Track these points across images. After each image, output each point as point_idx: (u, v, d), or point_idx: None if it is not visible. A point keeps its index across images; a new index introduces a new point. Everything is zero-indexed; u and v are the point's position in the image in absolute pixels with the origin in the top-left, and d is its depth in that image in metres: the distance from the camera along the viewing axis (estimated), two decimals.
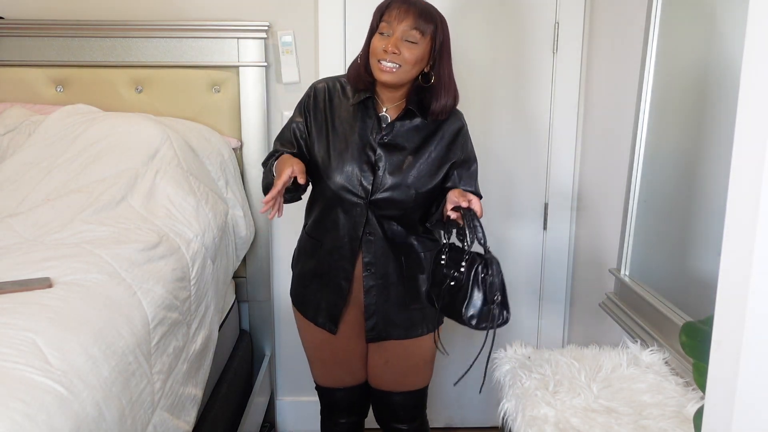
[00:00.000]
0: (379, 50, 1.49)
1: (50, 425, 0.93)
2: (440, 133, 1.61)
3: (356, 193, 1.56)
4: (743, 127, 0.57)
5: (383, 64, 1.49)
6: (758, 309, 0.55)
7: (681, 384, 1.45)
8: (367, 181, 1.56)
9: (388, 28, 1.49)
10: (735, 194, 0.58)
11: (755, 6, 0.55)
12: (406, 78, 1.53)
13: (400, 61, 1.49)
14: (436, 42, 1.53)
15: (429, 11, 1.52)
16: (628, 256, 1.92)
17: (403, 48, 1.48)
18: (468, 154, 1.66)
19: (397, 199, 1.57)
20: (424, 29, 1.49)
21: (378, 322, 1.65)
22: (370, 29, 1.55)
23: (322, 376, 1.82)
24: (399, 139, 1.59)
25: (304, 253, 1.72)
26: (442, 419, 2.67)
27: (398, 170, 1.57)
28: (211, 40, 2.26)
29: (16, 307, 1.17)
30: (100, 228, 1.65)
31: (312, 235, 1.68)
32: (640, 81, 1.82)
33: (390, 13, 1.49)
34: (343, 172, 1.56)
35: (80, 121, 2.10)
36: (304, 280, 1.71)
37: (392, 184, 1.56)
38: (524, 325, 2.55)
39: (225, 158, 2.21)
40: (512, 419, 1.42)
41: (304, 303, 1.72)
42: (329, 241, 1.62)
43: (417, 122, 1.60)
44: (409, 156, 1.58)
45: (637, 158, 1.84)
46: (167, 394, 1.41)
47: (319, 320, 1.69)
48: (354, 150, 1.57)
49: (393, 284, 1.64)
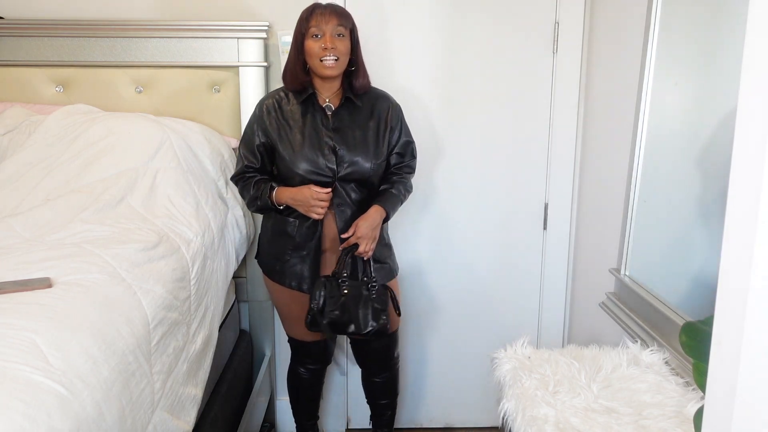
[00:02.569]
0: (318, 50, 1.81)
1: (50, 425, 0.93)
2: (375, 111, 1.95)
3: (324, 174, 1.86)
4: (743, 126, 0.57)
5: (326, 61, 1.81)
6: (758, 309, 0.55)
7: (681, 384, 1.45)
8: (331, 162, 1.86)
9: (318, 30, 1.82)
10: (735, 194, 0.58)
11: (755, 6, 0.55)
12: (343, 67, 1.87)
13: (338, 54, 1.82)
14: (354, 34, 1.89)
15: (344, 11, 1.88)
16: (628, 256, 1.92)
17: (336, 42, 1.82)
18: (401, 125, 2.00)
19: (359, 170, 1.89)
20: (346, 24, 1.85)
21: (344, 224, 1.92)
22: (298, 36, 1.86)
23: (301, 333, 2.07)
24: (345, 122, 1.91)
25: (279, 232, 1.96)
26: (442, 419, 2.67)
27: (353, 147, 1.88)
28: (211, 40, 2.26)
29: (16, 307, 1.17)
30: (100, 228, 1.65)
31: (289, 216, 1.92)
32: (640, 81, 1.82)
33: (316, 18, 1.82)
34: (308, 160, 1.85)
35: (80, 121, 2.10)
36: (282, 256, 1.96)
37: (352, 160, 1.88)
38: (524, 325, 2.55)
39: (225, 158, 2.21)
40: (512, 419, 1.42)
41: (284, 275, 1.97)
42: (307, 218, 1.89)
43: (354, 106, 1.93)
44: (357, 134, 1.90)
45: (637, 158, 1.84)
46: (167, 394, 1.41)
47: (304, 287, 1.95)
48: (312, 140, 1.87)
49: None
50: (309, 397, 2.26)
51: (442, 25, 2.36)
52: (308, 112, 1.90)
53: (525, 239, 2.52)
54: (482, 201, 2.48)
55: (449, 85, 2.39)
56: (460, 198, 2.48)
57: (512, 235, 2.51)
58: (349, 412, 2.66)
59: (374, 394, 2.25)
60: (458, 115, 2.42)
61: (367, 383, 2.24)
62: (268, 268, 2.03)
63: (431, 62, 2.38)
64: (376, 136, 1.92)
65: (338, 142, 1.87)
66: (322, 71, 1.83)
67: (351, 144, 1.88)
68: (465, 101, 2.41)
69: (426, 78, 2.39)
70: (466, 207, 2.49)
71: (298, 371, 2.21)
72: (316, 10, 1.83)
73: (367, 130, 1.92)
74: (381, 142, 1.93)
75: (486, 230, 2.51)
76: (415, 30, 2.36)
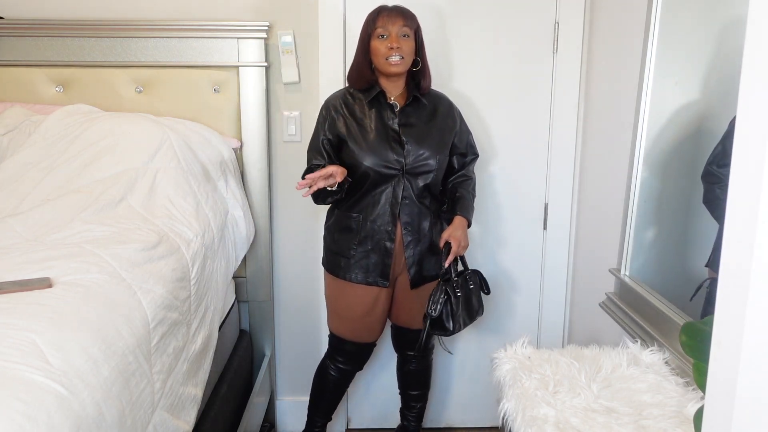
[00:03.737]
0: (384, 49, 1.89)
1: (50, 425, 0.93)
2: (439, 109, 2.04)
3: (393, 167, 1.94)
4: (743, 126, 0.57)
5: (391, 59, 1.89)
6: (758, 309, 0.55)
7: (681, 384, 1.45)
8: (399, 156, 1.93)
9: (384, 31, 1.89)
10: (735, 194, 0.58)
11: (755, 6, 0.55)
12: (408, 66, 1.94)
13: (403, 53, 1.89)
14: (419, 35, 1.97)
15: (410, 13, 1.95)
16: (628, 256, 1.92)
17: (402, 42, 1.89)
18: (464, 124, 2.11)
19: (425, 164, 1.96)
20: (411, 25, 1.92)
21: (417, 270, 2.03)
22: (364, 36, 1.93)
23: (344, 330, 2.12)
24: (411, 119, 1.98)
25: (342, 229, 2.02)
26: (442, 419, 2.67)
27: (420, 142, 1.96)
28: (211, 40, 2.26)
29: (16, 307, 1.17)
30: (100, 228, 1.65)
31: (352, 212, 1.99)
32: (640, 81, 1.82)
33: (382, 19, 1.90)
34: (377, 154, 1.92)
35: (80, 121, 2.10)
36: (347, 252, 2.01)
37: (419, 154, 1.95)
38: (524, 325, 2.55)
39: (225, 158, 2.21)
40: (512, 419, 1.42)
41: (350, 270, 2.01)
42: (372, 212, 1.97)
43: (419, 105, 2.00)
44: (423, 130, 1.98)
45: (637, 158, 1.84)
46: (167, 394, 1.41)
47: (369, 279, 2.01)
48: (381, 135, 1.94)
49: (425, 237, 2.02)
50: (331, 396, 2.26)
51: (442, 25, 2.36)
52: (375, 108, 1.96)
53: (525, 239, 2.52)
54: (482, 201, 2.48)
55: (449, 84, 2.39)
56: None
57: (512, 235, 2.51)
58: (349, 412, 2.66)
59: (407, 383, 2.29)
60: None
61: (402, 372, 2.29)
62: (332, 265, 2.06)
63: (431, 62, 2.38)
64: (441, 133, 2.00)
65: (406, 136, 1.94)
66: (387, 69, 1.90)
67: (418, 138, 1.95)
68: (465, 101, 2.41)
69: None
70: None
71: (328, 368, 2.21)
72: (383, 11, 1.91)
73: (433, 126, 1.99)
74: (446, 137, 2.02)
75: (486, 230, 2.51)
76: None
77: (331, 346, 2.20)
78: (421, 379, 2.29)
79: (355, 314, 2.06)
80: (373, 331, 2.12)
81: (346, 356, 2.17)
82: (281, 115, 2.39)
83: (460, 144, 2.07)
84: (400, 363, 2.29)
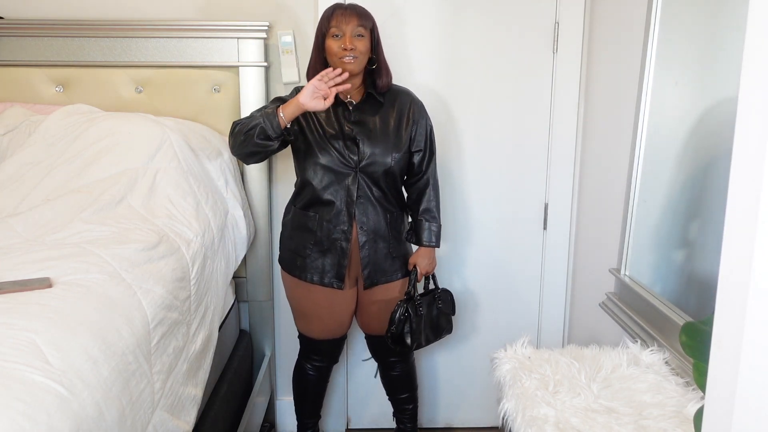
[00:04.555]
0: (338, 49, 1.87)
1: (50, 425, 0.93)
2: (396, 106, 2.00)
3: (348, 164, 1.92)
4: (743, 126, 0.57)
5: (345, 59, 1.86)
6: (758, 309, 0.55)
7: (681, 384, 1.45)
8: (353, 153, 1.92)
9: (338, 30, 1.87)
10: (735, 194, 0.58)
11: (755, 6, 0.55)
12: (362, 65, 1.91)
13: (356, 53, 1.87)
14: (375, 33, 1.93)
15: (365, 11, 1.92)
16: (628, 256, 1.92)
17: (356, 42, 1.87)
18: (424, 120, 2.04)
19: (379, 162, 1.93)
20: (366, 24, 1.89)
21: (371, 271, 2.01)
22: (319, 35, 1.92)
23: (313, 330, 2.12)
24: (366, 117, 1.96)
25: (298, 227, 2.00)
26: (442, 419, 2.67)
27: (373, 139, 1.93)
28: (211, 40, 2.26)
29: (16, 307, 1.17)
30: (100, 228, 1.65)
31: (309, 211, 1.97)
32: (640, 81, 1.82)
33: (336, 18, 1.87)
34: (331, 151, 1.91)
35: (80, 121, 2.10)
36: (303, 251, 2.00)
37: (373, 152, 1.93)
38: (524, 325, 2.55)
39: (225, 158, 2.21)
40: (512, 419, 1.42)
41: (306, 270, 2.00)
42: (327, 212, 1.95)
43: (374, 102, 1.97)
44: (378, 128, 1.95)
45: (637, 158, 1.84)
46: (167, 394, 1.41)
47: (325, 281, 1.99)
48: (335, 133, 1.92)
49: (381, 238, 2.00)
50: (313, 395, 2.28)
51: (442, 24, 2.36)
52: (331, 108, 1.91)
53: (525, 239, 2.52)
54: (482, 201, 2.48)
55: (449, 84, 2.39)
56: (459, 198, 2.48)
57: (512, 235, 2.51)
58: (349, 412, 2.66)
59: (394, 389, 2.29)
60: (458, 114, 2.42)
61: (386, 379, 2.28)
62: (289, 264, 2.05)
63: (431, 62, 2.38)
64: (397, 130, 1.97)
65: (359, 134, 1.92)
66: (341, 68, 1.85)
67: (371, 136, 1.93)
68: (465, 101, 2.41)
69: (426, 78, 2.39)
70: (465, 207, 2.49)
71: (304, 368, 2.22)
72: (337, 9, 1.89)
73: (388, 124, 1.96)
74: (402, 135, 1.97)
75: (486, 230, 2.51)
76: (415, 30, 2.36)
77: (302, 347, 2.21)
78: (407, 382, 2.28)
79: (321, 313, 2.06)
80: (342, 326, 2.13)
81: (320, 354, 2.18)
82: None
83: (419, 140, 2.01)
84: (383, 370, 2.28)
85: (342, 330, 2.14)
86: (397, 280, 2.07)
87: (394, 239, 2.03)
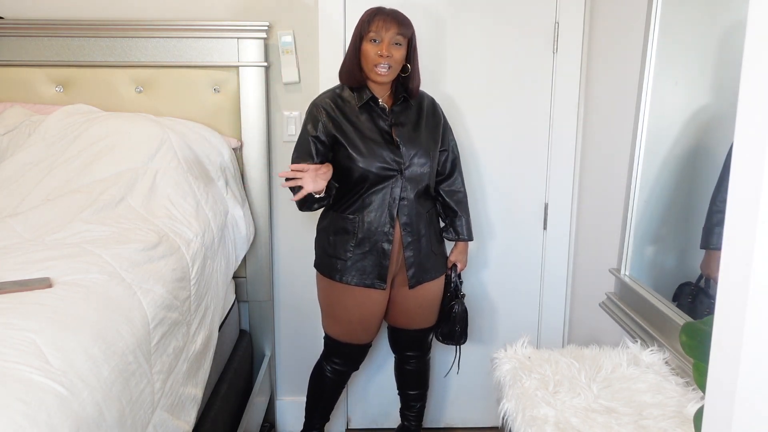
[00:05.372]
0: (374, 55, 1.86)
1: (50, 425, 0.93)
2: (423, 107, 2.05)
3: (392, 168, 1.93)
4: (743, 126, 0.57)
5: (379, 68, 1.87)
6: (758, 309, 0.55)
7: (681, 384, 1.45)
8: (398, 156, 1.93)
9: (377, 36, 1.86)
10: (735, 194, 0.58)
11: (755, 6, 0.55)
12: (395, 75, 1.93)
13: (391, 62, 1.87)
14: (413, 42, 1.94)
15: (406, 20, 1.91)
16: (628, 256, 1.91)
17: (393, 50, 1.86)
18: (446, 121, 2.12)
19: (420, 162, 1.96)
20: (405, 33, 1.89)
21: (416, 270, 2.03)
22: (357, 36, 1.90)
23: (340, 332, 2.12)
24: (401, 119, 1.98)
25: (337, 231, 2.00)
26: (442, 419, 2.67)
27: (412, 142, 1.96)
28: (211, 40, 2.26)
29: (16, 307, 1.17)
30: (100, 228, 1.65)
31: (348, 213, 1.97)
32: (640, 81, 1.82)
33: (377, 23, 1.86)
34: (377, 156, 1.91)
35: (80, 121, 2.10)
36: (343, 254, 1.99)
37: (415, 153, 1.95)
38: (524, 325, 2.55)
39: (225, 158, 2.21)
40: (512, 419, 1.42)
41: (345, 272, 2.00)
42: (369, 214, 1.95)
43: (406, 105, 2.01)
44: (413, 130, 1.98)
45: (637, 158, 1.84)
46: (167, 394, 1.41)
47: (366, 282, 2.00)
48: (375, 137, 1.92)
49: (423, 237, 2.02)
50: (328, 397, 2.27)
51: (441, 25, 2.36)
52: (366, 110, 1.95)
53: (525, 239, 2.52)
54: (482, 201, 2.48)
55: (449, 85, 2.39)
56: None
57: (512, 235, 2.51)
58: (349, 412, 2.66)
59: (406, 384, 2.30)
60: (458, 114, 2.41)
61: (400, 372, 2.30)
62: (328, 267, 2.03)
63: (431, 62, 2.38)
64: (431, 132, 2.02)
65: (399, 137, 1.94)
66: (374, 76, 1.89)
67: (410, 138, 1.96)
68: (465, 101, 2.41)
69: (425, 78, 2.38)
70: None
71: (324, 369, 2.21)
72: (379, 14, 1.87)
73: (422, 125, 2.00)
74: (436, 135, 2.03)
75: (486, 230, 2.51)
76: (415, 30, 2.36)
77: (326, 348, 2.20)
78: (420, 379, 2.29)
79: (352, 317, 2.06)
80: (370, 333, 2.12)
81: (342, 358, 2.18)
82: (281, 115, 2.39)
83: (445, 141, 2.08)
84: (398, 363, 2.30)
85: (368, 336, 2.13)
86: (438, 277, 2.10)
87: (435, 237, 2.07)
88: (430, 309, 2.13)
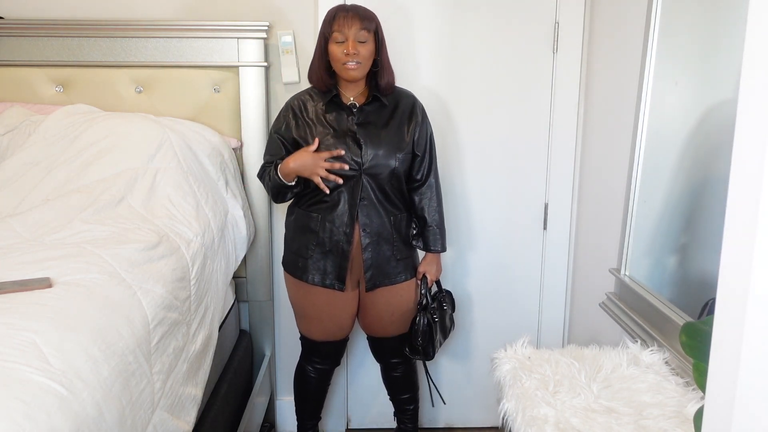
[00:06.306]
0: (341, 55, 1.85)
1: (50, 425, 0.93)
2: (399, 107, 1.99)
3: (352, 167, 1.89)
4: (743, 126, 0.57)
5: (348, 65, 1.85)
6: (758, 309, 0.55)
7: (681, 384, 1.45)
8: (357, 155, 1.89)
9: (341, 36, 1.84)
10: (735, 194, 0.58)
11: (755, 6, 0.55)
12: (366, 70, 1.90)
13: (360, 59, 1.85)
14: (379, 35, 1.91)
15: (368, 13, 1.89)
16: (628, 256, 1.91)
17: (359, 47, 1.84)
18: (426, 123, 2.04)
19: (383, 164, 1.92)
20: (369, 28, 1.86)
21: (374, 273, 1.99)
22: (322, 39, 1.90)
23: (314, 332, 2.11)
24: (370, 118, 1.94)
25: (301, 228, 1.99)
26: (442, 419, 2.67)
27: (377, 142, 1.92)
28: (211, 40, 2.26)
29: (16, 307, 1.17)
30: (100, 228, 1.65)
31: (311, 211, 1.96)
32: (640, 81, 1.82)
33: (339, 22, 1.84)
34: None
35: (80, 121, 2.10)
36: (305, 252, 1.98)
37: (377, 153, 1.91)
38: (524, 325, 2.55)
39: (225, 158, 2.21)
40: (512, 419, 1.42)
41: (307, 271, 1.99)
42: (331, 213, 1.93)
43: (379, 104, 1.96)
44: (382, 130, 1.94)
45: (637, 158, 1.84)
46: (167, 394, 1.41)
47: (326, 282, 1.98)
48: (338, 136, 1.90)
49: (384, 240, 1.98)
50: (314, 397, 2.28)
51: (441, 25, 2.36)
52: (333, 110, 1.94)
53: (525, 239, 2.52)
54: (482, 201, 2.48)
55: (449, 85, 2.39)
56: (459, 198, 2.48)
57: (512, 235, 2.51)
58: (349, 412, 2.66)
59: (395, 390, 2.29)
60: (458, 115, 2.42)
61: (387, 379, 2.29)
62: (291, 266, 2.04)
63: (431, 62, 2.38)
64: (400, 130, 1.96)
65: (363, 136, 1.90)
66: (345, 74, 1.88)
67: (375, 138, 1.91)
68: (465, 101, 2.41)
69: (425, 78, 2.39)
70: (465, 207, 2.49)
71: (305, 370, 2.22)
72: (339, 13, 1.86)
73: (392, 126, 1.95)
74: (405, 135, 1.96)
75: (486, 230, 2.51)
76: (415, 30, 2.36)
77: (304, 349, 2.21)
78: (408, 383, 2.28)
79: (322, 315, 2.05)
80: (344, 329, 2.12)
81: (321, 356, 2.18)
82: None
83: (420, 143, 1.99)
84: (385, 371, 2.28)
85: (343, 333, 2.13)
86: (402, 282, 2.05)
87: (399, 241, 2.01)
88: (402, 316, 2.10)
